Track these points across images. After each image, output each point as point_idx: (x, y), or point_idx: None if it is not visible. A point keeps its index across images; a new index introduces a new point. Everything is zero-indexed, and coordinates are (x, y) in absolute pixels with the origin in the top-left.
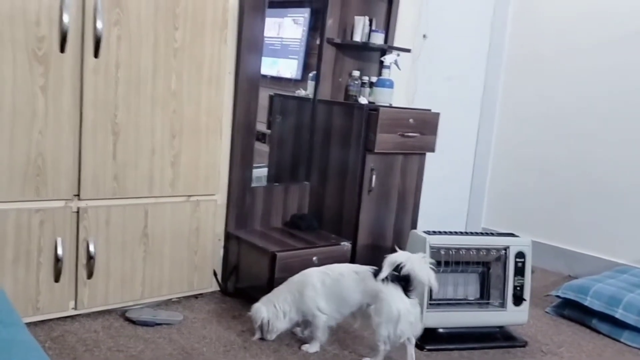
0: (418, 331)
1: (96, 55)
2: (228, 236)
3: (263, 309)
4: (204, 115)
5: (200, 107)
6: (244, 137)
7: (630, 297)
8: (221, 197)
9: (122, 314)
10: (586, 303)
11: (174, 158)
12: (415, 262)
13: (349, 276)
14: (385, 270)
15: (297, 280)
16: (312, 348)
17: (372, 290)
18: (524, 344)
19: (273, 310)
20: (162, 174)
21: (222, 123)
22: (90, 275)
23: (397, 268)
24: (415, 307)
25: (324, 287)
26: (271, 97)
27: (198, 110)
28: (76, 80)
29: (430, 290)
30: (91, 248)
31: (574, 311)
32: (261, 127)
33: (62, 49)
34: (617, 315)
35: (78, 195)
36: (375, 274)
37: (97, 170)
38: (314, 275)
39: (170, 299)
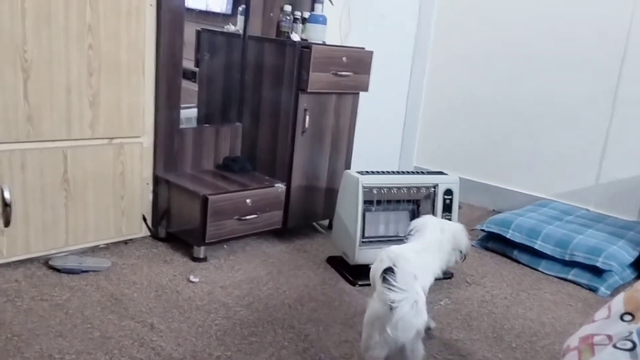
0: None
1: None
2: (157, 180)
3: None
4: (124, 50)
5: (119, 41)
6: (169, 75)
7: (549, 229)
8: (147, 139)
9: (46, 263)
10: (508, 236)
11: (92, 98)
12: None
13: None
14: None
15: None
16: None
17: None
18: (450, 276)
19: None
20: (81, 115)
21: (144, 59)
22: (7, 223)
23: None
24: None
25: None
26: (198, 33)
27: (117, 45)
28: None
29: (363, 229)
30: (6, 195)
31: (497, 244)
32: (189, 64)
33: None
34: (535, 246)
35: None
36: None
37: (8, 112)
38: None
39: (98, 246)
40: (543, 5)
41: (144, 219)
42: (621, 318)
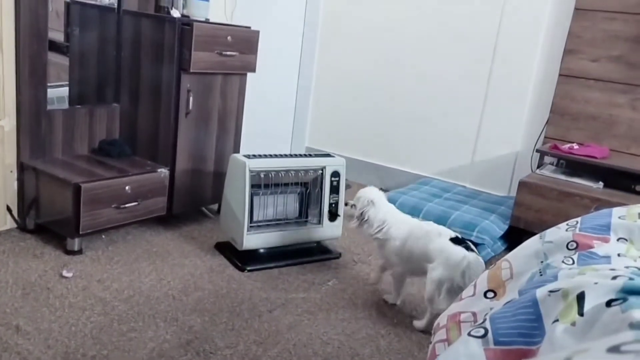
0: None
1: None
2: (23, 167)
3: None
4: None
5: None
6: (32, 49)
7: (429, 206)
8: (9, 122)
9: None
10: None
11: None
12: None
13: None
14: None
15: None
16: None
17: None
18: (338, 256)
19: None
20: None
21: (1, 30)
22: None
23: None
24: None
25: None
26: (68, 5)
27: None
28: None
29: (251, 213)
30: None
31: None
32: (60, 38)
33: None
34: None
35: None
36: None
37: None
38: None
39: None
40: None
41: (9, 210)
42: (485, 295)
